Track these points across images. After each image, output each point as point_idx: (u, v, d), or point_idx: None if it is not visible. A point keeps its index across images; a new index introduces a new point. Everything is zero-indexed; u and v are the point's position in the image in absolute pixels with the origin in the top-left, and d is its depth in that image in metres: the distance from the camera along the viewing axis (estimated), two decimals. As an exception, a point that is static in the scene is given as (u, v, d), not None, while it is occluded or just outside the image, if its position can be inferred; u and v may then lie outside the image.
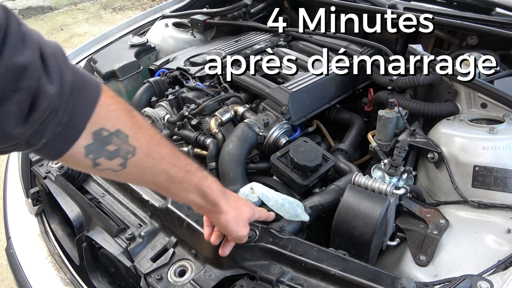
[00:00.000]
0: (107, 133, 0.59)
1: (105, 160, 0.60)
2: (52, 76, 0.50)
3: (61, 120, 0.53)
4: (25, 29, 0.48)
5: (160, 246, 1.03)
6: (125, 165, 0.63)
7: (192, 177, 0.75)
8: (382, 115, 1.28)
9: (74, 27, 5.80)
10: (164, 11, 2.23)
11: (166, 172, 0.70)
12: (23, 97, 0.47)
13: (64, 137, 0.55)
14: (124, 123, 0.61)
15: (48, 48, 0.51)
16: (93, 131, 0.57)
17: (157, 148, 0.67)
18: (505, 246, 0.94)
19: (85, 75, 0.58)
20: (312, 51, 1.73)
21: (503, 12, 1.71)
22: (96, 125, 0.57)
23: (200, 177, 0.76)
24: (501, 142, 1.07)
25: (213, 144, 1.36)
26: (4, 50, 0.45)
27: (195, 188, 0.76)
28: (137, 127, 0.64)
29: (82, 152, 0.58)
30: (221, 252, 0.90)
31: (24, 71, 0.46)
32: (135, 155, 0.63)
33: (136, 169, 0.65)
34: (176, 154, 0.71)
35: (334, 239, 1.01)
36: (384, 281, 0.81)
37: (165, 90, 1.64)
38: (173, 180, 0.71)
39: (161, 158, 0.68)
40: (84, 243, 1.13)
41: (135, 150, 0.63)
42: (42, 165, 1.39)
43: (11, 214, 1.45)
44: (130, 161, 0.63)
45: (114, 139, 0.60)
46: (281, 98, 1.39)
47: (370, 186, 1.00)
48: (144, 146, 0.64)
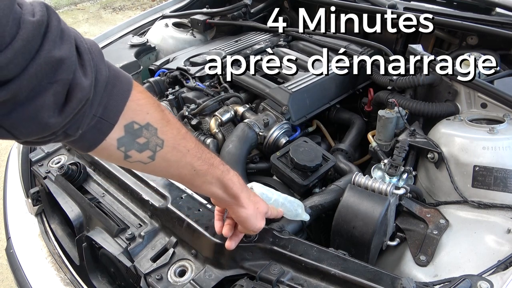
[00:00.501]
0: (137, 126, 0.62)
1: (136, 152, 0.63)
2: (87, 70, 0.53)
3: (96, 113, 0.57)
4: (64, 26, 0.52)
5: (160, 246, 1.03)
6: (154, 158, 0.66)
7: (215, 170, 0.77)
8: (382, 115, 1.28)
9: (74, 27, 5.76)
10: (164, 11, 2.23)
11: (191, 165, 0.73)
12: (59, 88, 0.50)
13: (98, 129, 0.58)
14: (153, 117, 0.64)
15: (84, 44, 0.54)
16: (125, 124, 0.61)
17: (183, 142, 0.70)
18: (505, 246, 0.94)
19: (118, 71, 0.61)
20: (312, 51, 1.73)
21: (503, 12, 1.71)
22: (127, 119, 0.61)
23: (223, 171, 0.79)
24: (501, 142, 1.07)
25: (213, 144, 1.36)
26: (44, 44, 0.48)
27: (218, 180, 0.78)
28: (165, 121, 0.66)
29: (115, 145, 0.61)
30: (228, 245, 0.90)
31: (61, 64, 0.49)
32: (163, 148, 0.66)
33: (164, 162, 0.68)
34: (200, 148, 0.75)
35: (334, 239, 1.01)
36: (384, 281, 0.81)
37: (165, 90, 1.63)
38: (197, 173, 0.74)
39: (186, 151, 0.71)
40: (84, 243, 1.12)
41: (163, 143, 0.66)
42: (42, 165, 1.39)
43: (11, 214, 1.45)
44: (158, 154, 0.66)
45: (144, 132, 0.63)
46: (281, 98, 1.39)
47: (370, 186, 1.00)
48: (171, 139, 0.67)
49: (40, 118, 0.50)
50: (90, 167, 1.31)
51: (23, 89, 0.47)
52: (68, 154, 1.41)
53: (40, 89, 0.48)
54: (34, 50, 0.47)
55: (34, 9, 0.48)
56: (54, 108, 0.50)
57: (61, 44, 0.50)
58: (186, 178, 0.75)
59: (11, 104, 0.47)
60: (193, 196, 1.09)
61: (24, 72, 0.46)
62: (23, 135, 0.51)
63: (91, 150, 0.61)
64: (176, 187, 1.12)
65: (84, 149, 0.61)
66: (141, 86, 0.65)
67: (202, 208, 1.04)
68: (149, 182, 1.14)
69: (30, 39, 0.46)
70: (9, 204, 1.48)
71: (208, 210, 1.03)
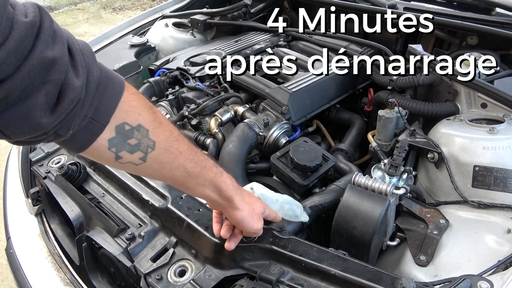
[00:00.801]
0: (129, 127, 0.62)
1: (127, 153, 0.64)
2: (79, 71, 0.54)
3: (87, 114, 0.57)
4: (56, 27, 0.52)
5: (160, 246, 1.03)
6: (145, 159, 0.66)
7: (208, 172, 0.77)
8: (382, 115, 1.28)
9: (74, 27, 5.80)
10: (164, 11, 2.23)
11: (183, 167, 0.73)
12: (51, 89, 0.50)
13: (89, 130, 0.59)
14: (145, 118, 0.65)
15: (76, 45, 0.55)
16: (116, 125, 0.61)
17: (176, 143, 0.70)
18: (505, 246, 0.94)
19: (110, 72, 0.62)
20: (312, 51, 1.73)
21: (503, 12, 1.71)
22: (119, 120, 0.61)
23: (216, 173, 0.79)
24: (501, 142, 1.07)
25: (213, 144, 1.36)
26: (36, 45, 0.48)
27: (211, 183, 0.78)
28: (157, 123, 0.67)
29: (106, 145, 0.61)
30: (228, 246, 0.90)
31: (53, 65, 0.50)
32: (155, 149, 0.66)
33: (156, 164, 0.69)
34: (193, 150, 0.75)
35: (334, 239, 1.01)
36: (384, 281, 0.81)
37: (165, 90, 1.64)
38: (190, 175, 0.74)
39: (179, 153, 0.71)
40: (84, 243, 1.12)
41: (154, 144, 0.66)
42: (42, 165, 1.39)
43: (11, 214, 1.45)
44: (150, 155, 0.66)
45: (136, 133, 0.63)
46: (281, 98, 1.39)
47: (370, 186, 1.00)
48: (163, 141, 0.68)
49: (32, 118, 0.50)
50: (90, 167, 1.31)
51: (16, 89, 0.47)
52: (68, 154, 1.41)
53: (33, 89, 0.49)
54: (26, 50, 0.47)
55: (26, 10, 0.49)
56: (46, 108, 0.51)
57: (54, 44, 0.50)
58: (179, 180, 0.75)
59: (4, 104, 0.47)
60: (193, 196, 1.09)
61: (16, 72, 0.46)
62: (14, 134, 0.51)
63: (82, 150, 0.61)
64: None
65: (75, 150, 0.61)
66: (134, 88, 0.66)
67: (202, 208, 1.04)
68: (149, 182, 1.14)
69: (23, 40, 0.46)
70: (9, 204, 1.48)
71: (208, 210, 1.03)
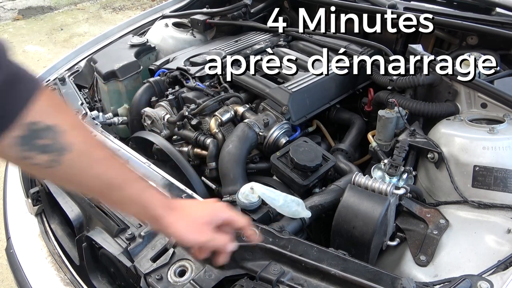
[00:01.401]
0: (40, 126, 0.59)
1: (35, 154, 0.60)
2: None
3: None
4: None
5: (160, 246, 1.03)
6: (59, 162, 0.62)
7: (131, 185, 0.72)
8: (382, 115, 1.28)
9: (74, 27, 5.79)
10: (164, 11, 2.23)
11: (101, 176, 0.68)
12: None
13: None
14: (59, 119, 0.62)
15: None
16: (25, 123, 0.58)
17: (93, 149, 0.67)
18: (505, 246, 0.94)
19: (23, 72, 0.59)
20: (312, 51, 1.73)
21: (503, 12, 1.71)
22: (28, 118, 0.58)
23: (141, 187, 0.74)
24: (501, 142, 1.07)
25: (213, 144, 1.36)
26: None
27: (135, 198, 0.73)
28: (73, 125, 0.64)
29: (11, 143, 0.58)
30: (215, 262, 0.87)
31: None
32: (71, 151, 0.63)
33: (69, 169, 0.64)
34: (114, 159, 0.70)
35: (334, 239, 1.01)
36: (384, 281, 0.80)
37: (165, 90, 1.64)
38: (110, 187, 0.69)
39: (97, 159, 0.67)
40: (84, 243, 1.12)
41: (70, 147, 0.63)
42: (42, 165, 1.38)
43: (11, 214, 1.45)
44: (63, 158, 0.62)
45: (48, 133, 0.60)
46: (281, 98, 1.39)
47: (370, 186, 1.00)
48: (80, 144, 0.64)
49: None
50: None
51: None
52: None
53: None
54: None
55: None
56: None
57: None
58: (98, 191, 0.70)
59: None
60: (193, 196, 1.08)
61: None
62: None
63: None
64: (176, 187, 1.12)
65: None
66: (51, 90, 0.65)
67: (202, 208, 1.04)
68: (149, 182, 1.14)
69: None
70: (9, 204, 1.48)
71: (208, 210, 1.03)
